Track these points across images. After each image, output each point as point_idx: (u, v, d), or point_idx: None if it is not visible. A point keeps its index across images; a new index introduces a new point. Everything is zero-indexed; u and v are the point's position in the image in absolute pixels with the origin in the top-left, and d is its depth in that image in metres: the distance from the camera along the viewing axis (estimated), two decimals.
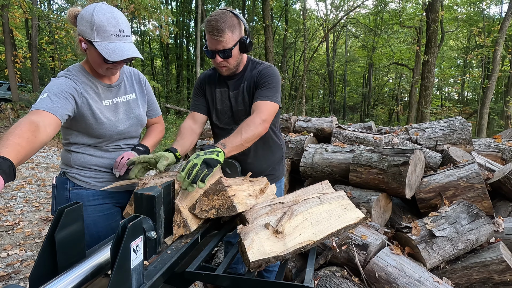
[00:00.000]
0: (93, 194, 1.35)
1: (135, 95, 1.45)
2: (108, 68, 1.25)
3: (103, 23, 1.15)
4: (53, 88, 1.18)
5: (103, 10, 1.17)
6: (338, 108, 24.89)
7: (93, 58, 1.23)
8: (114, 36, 1.17)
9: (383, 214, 2.27)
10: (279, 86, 1.50)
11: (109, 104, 1.33)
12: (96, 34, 1.16)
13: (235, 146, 1.28)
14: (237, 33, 1.41)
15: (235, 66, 1.50)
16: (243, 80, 1.54)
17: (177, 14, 21.53)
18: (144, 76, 1.54)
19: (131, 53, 1.20)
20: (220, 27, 1.35)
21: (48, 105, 1.12)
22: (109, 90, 1.35)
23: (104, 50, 1.16)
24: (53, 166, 6.48)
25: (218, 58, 1.42)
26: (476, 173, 2.11)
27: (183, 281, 1.02)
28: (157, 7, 8.79)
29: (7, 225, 3.51)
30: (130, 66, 1.53)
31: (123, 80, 1.41)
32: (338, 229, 1.10)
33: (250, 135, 1.32)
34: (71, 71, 1.27)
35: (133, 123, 1.41)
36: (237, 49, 1.44)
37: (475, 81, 17.83)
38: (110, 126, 1.31)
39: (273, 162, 1.69)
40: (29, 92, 13.02)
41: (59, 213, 0.74)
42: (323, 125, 3.19)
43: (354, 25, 19.35)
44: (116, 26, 1.17)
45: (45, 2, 18.98)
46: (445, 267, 1.82)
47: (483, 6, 14.78)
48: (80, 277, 0.74)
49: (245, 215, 1.10)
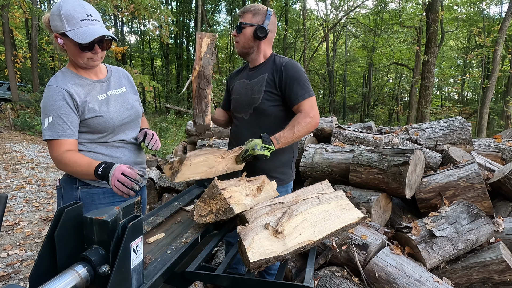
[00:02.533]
0: (104, 192, 1.36)
1: (126, 89, 1.48)
2: (89, 58, 1.27)
3: (70, 11, 1.19)
4: (53, 108, 1.23)
5: (68, 0, 1.21)
6: (338, 108, 24.88)
7: (71, 51, 1.25)
8: (83, 21, 1.20)
9: (383, 214, 2.27)
10: (306, 78, 1.60)
11: (104, 97, 1.36)
12: (66, 24, 1.19)
13: (287, 142, 1.49)
14: (257, 18, 1.60)
15: (244, 45, 1.64)
16: (264, 71, 1.65)
17: (177, 14, 21.53)
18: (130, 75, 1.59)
19: (102, 32, 1.21)
20: (246, 8, 1.63)
21: (60, 133, 1.23)
22: (100, 85, 1.38)
23: (76, 35, 1.19)
24: (53, 166, 6.48)
25: (234, 32, 1.65)
26: (476, 173, 2.11)
27: (183, 281, 1.02)
28: (157, 7, 8.79)
29: (7, 225, 3.51)
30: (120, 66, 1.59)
31: (111, 76, 1.45)
32: (337, 229, 1.10)
33: (302, 133, 1.50)
34: (59, 77, 1.29)
35: (131, 113, 1.44)
36: (250, 30, 1.60)
37: (475, 81, 17.83)
38: (110, 118, 1.33)
39: (280, 163, 1.66)
40: (29, 92, 13.02)
41: (59, 213, 0.74)
42: (323, 125, 3.19)
43: (354, 25, 19.33)
44: (83, 12, 1.20)
45: (45, 2, 18.98)
46: (445, 267, 1.82)
47: (483, 6, 14.78)
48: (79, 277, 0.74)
49: (245, 215, 1.10)
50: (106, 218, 0.73)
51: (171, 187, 3.33)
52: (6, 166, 6.14)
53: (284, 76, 1.56)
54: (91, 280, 0.72)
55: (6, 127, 10.73)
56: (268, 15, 1.60)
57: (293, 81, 1.55)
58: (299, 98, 1.54)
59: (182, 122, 12.70)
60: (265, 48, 1.67)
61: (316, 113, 1.53)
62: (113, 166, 1.17)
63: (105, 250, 0.74)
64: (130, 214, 0.81)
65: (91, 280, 0.72)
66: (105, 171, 1.16)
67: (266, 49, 1.67)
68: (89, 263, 0.72)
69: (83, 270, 0.71)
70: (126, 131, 1.43)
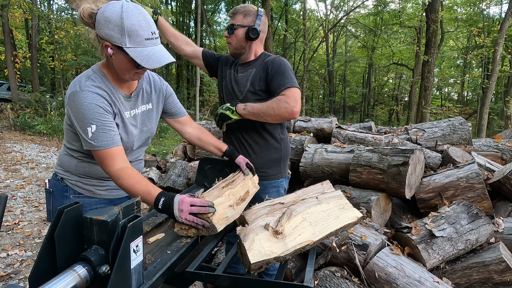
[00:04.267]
0: (96, 202, 1.30)
1: (152, 106, 1.36)
2: (136, 73, 1.15)
3: (135, 27, 1.04)
4: (94, 115, 1.09)
5: (132, 11, 1.05)
6: (338, 108, 24.88)
7: (121, 64, 1.11)
8: (147, 40, 1.07)
9: (383, 214, 2.27)
10: (292, 72, 1.59)
11: (129, 116, 1.25)
12: (128, 39, 1.04)
13: (253, 112, 1.51)
14: (248, 19, 1.61)
15: (236, 46, 1.65)
16: (253, 67, 1.68)
17: (177, 14, 21.53)
18: (165, 82, 1.46)
19: (168, 58, 1.10)
20: (237, 9, 1.64)
21: (109, 141, 1.12)
22: (128, 100, 1.25)
23: (139, 56, 1.05)
24: (52, 166, 6.48)
25: (226, 33, 1.67)
26: (476, 173, 2.11)
27: (183, 281, 1.02)
28: (157, 7, 8.78)
29: (7, 225, 3.50)
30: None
31: (141, 88, 1.31)
32: (336, 229, 1.10)
33: (271, 111, 1.48)
34: (95, 81, 1.14)
35: (148, 135, 1.36)
36: (242, 31, 1.62)
37: (475, 81, 17.83)
38: (131, 140, 1.25)
39: (267, 161, 1.69)
40: (29, 92, 13.00)
41: (59, 213, 0.74)
42: (323, 125, 3.19)
43: (354, 25, 19.33)
44: (148, 29, 1.07)
45: (45, 2, 18.99)
46: (445, 267, 1.82)
47: (483, 6, 14.78)
48: (79, 277, 0.74)
49: (245, 216, 1.10)
50: (106, 218, 0.73)
51: (171, 187, 3.33)
52: (6, 166, 6.14)
53: (270, 69, 1.58)
54: (91, 281, 0.72)
55: (6, 127, 10.72)
56: (259, 15, 1.61)
57: (279, 73, 1.56)
58: (281, 86, 1.51)
59: None
60: (256, 47, 1.69)
61: (296, 103, 1.45)
62: (175, 200, 1.06)
63: (105, 250, 0.74)
64: (130, 214, 0.81)
65: (91, 281, 0.72)
66: (168, 207, 1.06)
67: (257, 48, 1.70)
68: (89, 263, 0.72)
69: (83, 270, 0.71)
70: (136, 150, 1.35)
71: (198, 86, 11.43)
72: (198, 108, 11.36)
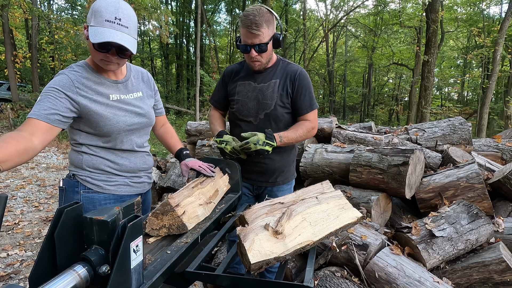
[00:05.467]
0: (105, 198, 1.32)
1: (142, 93, 1.43)
2: (102, 60, 1.20)
3: (101, 8, 1.12)
4: (47, 89, 1.18)
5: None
6: (338, 108, 24.87)
7: (90, 46, 1.19)
8: (107, 22, 1.12)
9: (383, 214, 2.27)
10: (312, 88, 1.66)
11: (116, 98, 1.31)
12: (93, 18, 1.13)
13: (289, 142, 1.56)
14: (272, 28, 1.48)
15: (267, 61, 1.57)
16: (274, 76, 1.60)
17: (177, 14, 21.51)
18: (152, 77, 1.53)
19: (116, 39, 1.11)
20: (258, 22, 1.39)
21: (35, 111, 1.13)
22: (116, 85, 1.32)
23: (92, 33, 1.12)
24: (53, 166, 6.48)
25: (253, 53, 1.48)
26: (476, 173, 2.11)
27: (183, 281, 1.02)
28: (157, 7, 8.78)
29: (7, 225, 3.50)
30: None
31: (130, 78, 1.39)
32: (336, 229, 1.10)
33: (303, 137, 1.59)
34: (73, 67, 1.24)
35: (142, 120, 1.39)
36: (271, 44, 1.50)
37: (475, 81, 17.82)
38: (117, 121, 1.28)
39: (286, 163, 1.73)
40: (29, 92, 13.02)
41: (59, 213, 0.74)
42: (323, 125, 3.19)
43: (354, 25, 19.32)
44: (113, 13, 1.13)
45: (45, 2, 18.97)
46: (445, 267, 1.82)
47: (483, 6, 14.77)
48: (79, 277, 0.74)
49: (244, 216, 1.09)
50: (106, 218, 0.73)
51: (171, 187, 3.33)
52: None
53: (297, 85, 1.58)
54: (91, 280, 0.71)
55: (6, 127, 10.72)
56: (273, 14, 1.50)
57: (305, 91, 1.59)
58: (307, 109, 1.61)
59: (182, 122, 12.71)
60: (272, 52, 1.60)
61: (317, 124, 1.66)
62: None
63: (105, 250, 0.74)
64: (130, 214, 0.80)
65: (91, 280, 0.71)
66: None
67: (273, 52, 1.62)
68: (89, 263, 0.71)
69: (83, 270, 0.70)
70: (134, 138, 1.38)
71: (198, 86, 11.43)
72: (198, 108, 11.36)
